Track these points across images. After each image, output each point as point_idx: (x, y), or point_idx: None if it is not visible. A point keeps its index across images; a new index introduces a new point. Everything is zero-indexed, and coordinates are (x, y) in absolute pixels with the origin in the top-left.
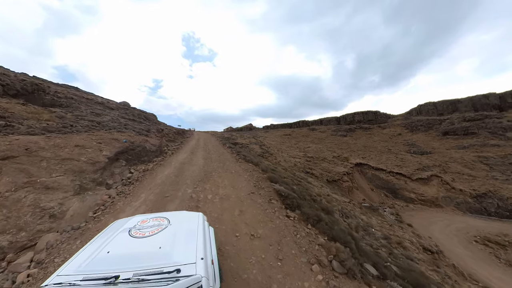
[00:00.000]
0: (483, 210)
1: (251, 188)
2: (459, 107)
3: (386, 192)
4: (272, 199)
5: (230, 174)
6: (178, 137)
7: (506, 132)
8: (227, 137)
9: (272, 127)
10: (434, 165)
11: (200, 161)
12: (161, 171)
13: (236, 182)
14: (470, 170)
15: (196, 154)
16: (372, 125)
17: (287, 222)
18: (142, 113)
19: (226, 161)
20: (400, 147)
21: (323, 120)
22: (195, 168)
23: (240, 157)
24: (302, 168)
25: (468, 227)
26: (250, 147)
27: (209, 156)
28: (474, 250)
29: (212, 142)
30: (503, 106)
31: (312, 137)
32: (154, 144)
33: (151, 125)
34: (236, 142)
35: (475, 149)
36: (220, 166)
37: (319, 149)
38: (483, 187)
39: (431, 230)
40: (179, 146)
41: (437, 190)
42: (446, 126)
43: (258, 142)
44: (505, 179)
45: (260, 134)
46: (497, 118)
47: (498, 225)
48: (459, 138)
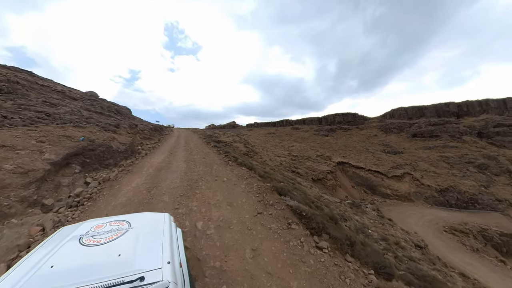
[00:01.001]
0: (446, 202)
1: (256, 205)
2: (426, 113)
3: (365, 188)
4: (291, 223)
5: (222, 184)
6: (155, 134)
7: (462, 136)
8: (209, 135)
9: (256, 126)
10: (406, 163)
11: (181, 165)
12: (128, 181)
13: (233, 196)
14: (435, 168)
15: (176, 155)
16: (351, 126)
17: (323, 258)
18: (113, 106)
19: (213, 164)
20: (376, 147)
21: (305, 120)
22: (175, 175)
23: (229, 159)
24: (288, 167)
25: (436, 219)
26: (234, 146)
27: (192, 157)
28: (445, 240)
29: (194, 140)
30: (460, 114)
31: (296, 136)
32: (123, 142)
33: (122, 120)
34: (220, 140)
35: (438, 149)
36: (207, 171)
37: (303, 148)
38: (445, 183)
39: (408, 223)
40: (155, 144)
41: (409, 186)
42: (415, 129)
43: (242, 141)
44: (462, 176)
45: (244, 132)
46: (455, 123)
47: (459, 215)
48: (425, 140)
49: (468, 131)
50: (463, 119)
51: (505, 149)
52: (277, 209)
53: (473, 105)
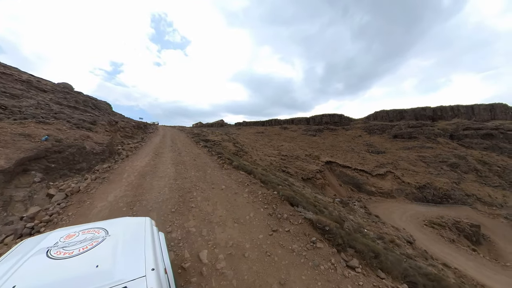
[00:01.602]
0: (424, 198)
1: (267, 219)
2: (405, 116)
3: (352, 187)
4: (315, 241)
5: (221, 193)
6: (138, 132)
7: (437, 138)
8: (197, 133)
9: (244, 124)
10: (388, 162)
11: (169, 170)
12: (103, 193)
13: (237, 209)
14: (414, 166)
15: (162, 156)
16: (337, 126)
17: (359, 280)
18: (91, 100)
19: (206, 168)
20: (361, 147)
21: (294, 120)
22: (163, 183)
23: (224, 161)
24: (278, 167)
25: (417, 214)
26: (223, 145)
27: (181, 159)
28: (426, 233)
29: (181, 139)
30: (435, 117)
31: (285, 135)
32: (100, 142)
33: (101, 116)
34: (208, 139)
35: (416, 150)
36: (201, 177)
37: (292, 147)
38: (423, 180)
39: (393, 218)
40: (138, 144)
41: (391, 184)
42: (396, 130)
43: (231, 140)
44: (437, 174)
45: (232, 131)
46: (431, 126)
47: (435, 209)
48: (405, 141)
49: (441, 133)
50: (437, 123)
51: (472, 150)
52: (293, 223)
53: (446, 110)
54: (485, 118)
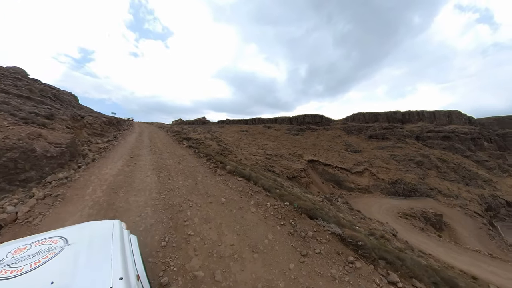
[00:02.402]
0: (396, 192)
1: (290, 241)
2: (379, 118)
3: (333, 184)
4: (353, 260)
5: (223, 208)
6: (109, 129)
7: (406, 138)
8: (177, 131)
9: (228, 122)
10: (365, 161)
11: (150, 178)
12: (52, 223)
13: (250, 231)
14: (387, 164)
15: (139, 160)
16: (318, 126)
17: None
18: (50, 90)
19: (196, 174)
20: (341, 146)
21: (277, 119)
22: (142, 199)
23: (215, 165)
24: (263, 166)
25: (391, 207)
26: (206, 143)
27: (163, 163)
28: (401, 224)
29: (161, 137)
30: (404, 121)
31: (268, 134)
32: (57, 142)
33: (62, 109)
34: (189, 137)
35: (388, 149)
36: (191, 186)
37: (276, 146)
38: (395, 176)
39: (372, 212)
40: (110, 144)
41: (368, 180)
42: (371, 131)
43: (214, 138)
44: (406, 170)
45: (215, 129)
46: (400, 128)
47: (405, 202)
48: (379, 141)
49: (409, 135)
50: (406, 125)
51: (434, 150)
52: (321, 242)
53: (413, 114)
54: (443, 123)
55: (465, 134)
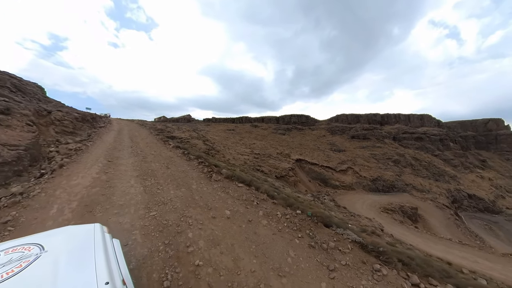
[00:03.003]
0: (376, 188)
1: (314, 255)
2: (361, 120)
3: (319, 182)
4: (380, 268)
5: (230, 224)
6: (83, 126)
7: (384, 139)
8: (161, 129)
9: (214, 121)
10: (348, 159)
11: (134, 189)
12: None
13: (269, 250)
14: (368, 163)
15: (119, 164)
16: (304, 126)
17: None
18: (10, 79)
19: (189, 181)
20: (325, 146)
21: (264, 118)
22: (127, 219)
23: (210, 169)
24: (252, 165)
25: (373, 202)
26: (192, 143)
27: (149, 168)
28: (383, 217)
29: (143, 136)
30: (383, 122)
31: (255, 133)
32: (14, 143)
33: (24, 102)
34: (174, 136)
35: (369, 149)
36: (186, 197)
37: (263, 145)
38: (375, 174)
39: (356, 208)
40: (82, 144)
41: (352, 178)
42: (353, 132)
43: (200, 137)
44: (385, 168)
45: (201, 128)
46: (379, 129)
47: (385, 197)
48: (360, 141)
49: (387, 135)
50: (384, 127)
51: (408, 149)
52: (344, 252)
53: (391, 117)
54: (417, 125)
55: (435, 136)
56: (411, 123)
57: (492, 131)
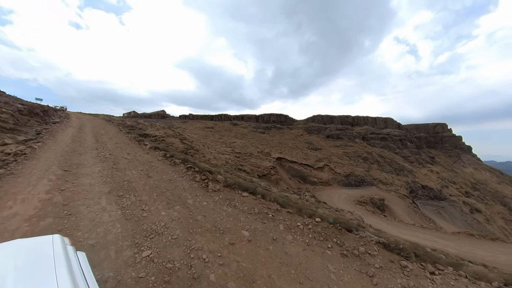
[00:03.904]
0: (349, 183)
1: (350, 264)
2: (334, 121)
3: (299, 179)
4: (406, 265)
5: (254, 248)
6: (29, 122)
7: (355, 139)
8: (131, 126)
9: (191, 118)
10: (324, 157)
11: (108, 216)
12: None
13: (311, 273)
14: (341, 160)
15: (80, 174)
16: (283, 125)
17: (449, 282)
18: None
19: (182, 194)
20: (303, 144)
21: (244, 117)
22: (108, 271)
23: (203, 176)
24: (234, 165)
25: (348, 196)
26: (168, 141)
27: (123, 178)
28: (358, 209)
29: (111, 134)
30: (353, 124)
31: (235, 132)
32: None
33: None
34: (146, 134)
35: (342, 147)
36: (185, 217)
37: (244, 144)
38: (348, 170)
39: (334, 202)
40: (27, 146)
41: (328, 174)
42: (328, 132)
43: (177, 135)
44: (356, 165)
45: (177, 125)
46: (351, 130)
47: (357, 191)
48: (334, 140)
49: (357, 135)
50: (355, 128)
51: (375, 148)
52: (373, 255)
53: (360, 119)
54: (381, 127)
55: (396, 136)
56: (377, 125)
57: (439, 133)
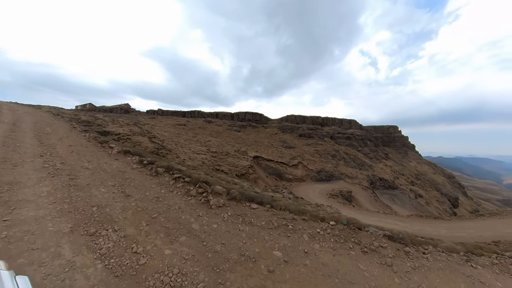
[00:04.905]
0: (321, 179)
1: (373, 259)
2: (306, 121)
3: (275, 177)
4: (408, 250)
5: (292, 268)
6: None
7: (324, 138)
8: (87, 121)
9: (160, 113)
10: (298, 155)
11: (84, 274)
12: None
13: (344, 275)
14: (313, 157)
15: (20, 202)
16: (258, 124)
17: (441, 260)
18: None
19: (182, 217)
20: (278, 143)
21: (218, 114)
22: None
23: (198, 188)
24: (211, 165)
25: (321, 190)
26: (134, 140)
27: (90, 202)
28: (331, 202)
29: (61, 133)
30: (323, 124)
31: (210, 130)
32: None
33: None
34: (107, 131)
35: (313, 146)
36: (202, 252)
37: (220, 143)
38: (319, 167)
39: (311, 196)
40: None
41: (302, 171)
42: (301, 131)
43: (145, 133)
44: (326, 162)
45: (144, 121)
46: (321, 130)
47: (328, 185)
48: (306, 139)
49: (326, 135)
50: (324, 128)
51: (341, 146)
52: (385, 247)
53: (329, 119)
54: (347, 127)
55: (358, 136)
56: (343, 126)
57: (391, 133)
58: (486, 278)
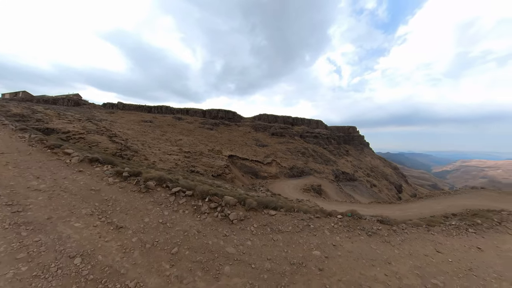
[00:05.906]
0: (293, 175)
1: (378, 243)
2: (278, 120)
3: (251, 175)
4: (396, 229)
5: (335, 260)
6: None
7: (294, 136)
8: (21, 115)
9: (121, 107)
10: (271, 153)
11: None
12: None
13: (368, 254)
14: (285, 155)
15: None
16: (231, 122)
17: (414, 236)
18: None
19: (206, 243)
20: (252, 141)
21: (189, 111)
22: None
23: (210, 203)
24: (185, 167)
25: (294, 186)
26: (89, 139)
27: (71, 257)
28: (307, 196)
29: None
30: (293, 123)
31: (180, 127)
32: None
33: None
34: (51, 128)
35: (285, 144)
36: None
37: (192, 142)
38: (291, 164)
39: (286, 192)
40: None
41: (276, 169)
42: (273, 130)
43: (102, 130)
44: (297, 159)
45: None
46: (291, 129)
47: (300, 180)
48: (278, 138)
49: (296, 134)
50: (294, 127)
51: (310, 144)
52: (380, 229)
53: (298, 119)
54: (314, 127)
55: (324, 135)
56: (311, 125)
57: (351, 133)
58: (441, 240)
